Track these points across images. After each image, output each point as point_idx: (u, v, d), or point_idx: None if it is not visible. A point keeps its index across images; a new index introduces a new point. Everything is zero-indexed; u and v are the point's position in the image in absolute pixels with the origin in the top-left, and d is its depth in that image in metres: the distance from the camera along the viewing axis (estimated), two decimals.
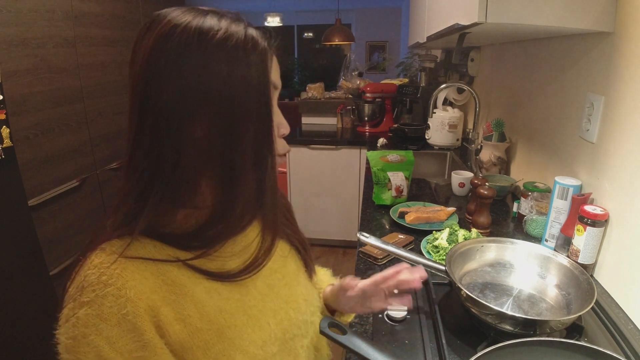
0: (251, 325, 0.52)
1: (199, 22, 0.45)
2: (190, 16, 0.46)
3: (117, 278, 0.43)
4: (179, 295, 0.47)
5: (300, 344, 0.59)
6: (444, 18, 1.34)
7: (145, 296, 0.44)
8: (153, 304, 0.44)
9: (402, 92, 2.76)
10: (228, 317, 0.50)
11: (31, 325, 1.51)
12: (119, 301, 0.42)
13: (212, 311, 0.49)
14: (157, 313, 0.44)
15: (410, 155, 1.48)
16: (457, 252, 0.85)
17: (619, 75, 0.88)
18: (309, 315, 0.62)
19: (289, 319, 0.57)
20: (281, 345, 0.55)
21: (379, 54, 6.34)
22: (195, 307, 0.47)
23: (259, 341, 0.52)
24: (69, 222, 1.96)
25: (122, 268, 0.44)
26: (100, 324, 0.42)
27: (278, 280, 0.59)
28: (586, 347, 0.56)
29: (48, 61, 1.81)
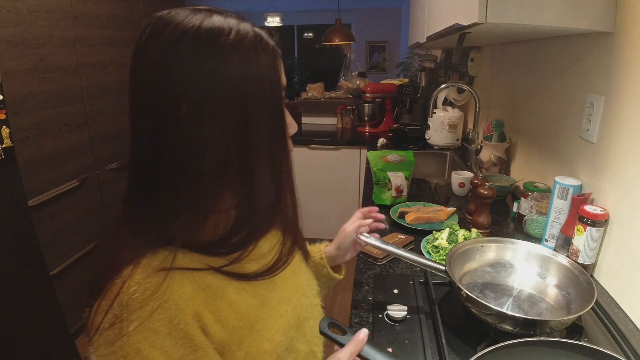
0: (274, 315, 0.55)
1: (208, 24, 0.45)
2: (197, 19, 0.45)
3: (162, 291, 0.44)
4: (214, 299, 0.48)
5: (308, 325, 0.63)
6: (444, 18, 1.34)
7: (190, 303, 0.45)
8: (197, 309, 0.46)
9: (402, 92, 2.76)
10: (256, 312, 0.53)
11: (31, 325, 1.51)
12: (168, 312, 0.43)
13: (244, 309, 0.51)
14: (201, 317, 0.46)
15: (410, 155, 1.48)
16: (457, 252, 0.85)
17: (619, 75, 0.88)
18: (312, 298, 0.67)
19: (300, 304, 0.61)
20: (297, 329, 0.59)
21: (379, 54, 6.34)
22: (230, 308, 0.50)
23: (281, 329, 0.55)
24: (69, 222, 1.96)
25: (165, 281, 0.44)
26: (152, 336, 0.43)
27: (287, 271, 0.61)
28: (586, 347, 0.56)
29: (48, 61, 1.81)
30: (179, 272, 0.46)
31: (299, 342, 0.59)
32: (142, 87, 0.46)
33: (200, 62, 0.44)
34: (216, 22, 0.46)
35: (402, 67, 4.04)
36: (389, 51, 6.26)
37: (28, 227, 1.52)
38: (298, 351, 0.59)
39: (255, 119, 0.47)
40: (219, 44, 0.45)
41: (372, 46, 6.31)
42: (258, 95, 0.47)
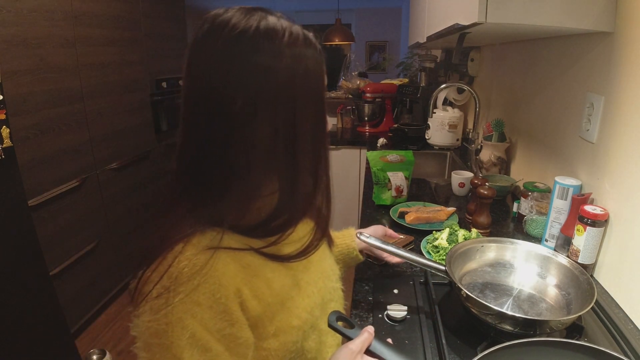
0: (302, 295, 0.61)
1: (265, 25, 0.49)
2: (254, 20, 0.48)
3: (208, 267, 0.48)
4: (253, 277, 0.53)
5: (330, 306, 0.68)
6: (444, 18, 1.34)
7: (232, 280, 0.50)
8: (238, 286, 0.51)
9: (402, 92, 2.76)
10: (287, 290, 0.58)
11: (31, 325, 1.51)
12: (212, 287, 0.48)
13: (277, 287, 0.56)
14: (241, 293, 0.51)
15: (410, 155, 1.48)
16: (457, 252, 0.85)
17: (619, 75, 0.88)
18: (335, 282, 0.72)
19: (324, 287, 0.67)
20: (321, 309, 0.64)
21: (379, 54, 6.34)
22: (266, 285, 0.55)
23: (307, 308, 0.61)
24: (69, 222, 1.96)
25: (210, 257, 0.49)
26: (195, 308, 0.47)
27: (315, 255, 0.65)
28: (589, 348, 0.56)
29: (48, 61, 1.80)
30: (224, 251, 0.50)
31: (322, 322, 0.64)
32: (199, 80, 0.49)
33: (257, 59, 0.47)
34: (271, 23, 0.49)
35: (402, 67, 4.04)
36: (389, 51, 6.26)
37: (28, 227, 1.52)
38: (321, 329, 0.64)
39: (302, 113, 0.51)
40: (274, 44, 0.48)
41: (372, 46, 6.31)
42: (305, 92, 0.51)
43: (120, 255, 2.40)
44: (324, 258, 0.72)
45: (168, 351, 0.47)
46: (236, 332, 0.50)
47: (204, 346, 0.48)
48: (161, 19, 2.77)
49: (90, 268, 2.13)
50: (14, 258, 1.45)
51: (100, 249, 2.21)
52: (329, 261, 0.73)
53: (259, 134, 0.49)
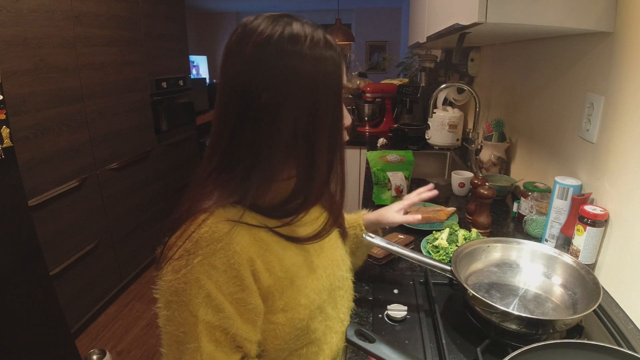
0: (311, 276, 0.66)
1: (289, 31, 0.55)
2: (280, 26, 0.55)
3: (226, 236, 0.54)
4: (266, 251, 0.59)
5: (339, 293, 0.73)
6: (444, 18, 1.34)
7: (246, 250, 0.56)
8: (251, 256, 0.56)
9: (402, 92, 2.75)
10: (297, 269, 0.63)
11: (31, 325, 1.51)
12: (227, 253, 0.54)
13: (288, 264, 0.62)
14: (254, 263, 0.57)
15: (410, 155, 1.48)
16: (463, 252, 0.85)
17: (619, 75, 0.88)
18: (345, 271, 0.77)
19: (333, 273, 0.71)
20: (329, 294, 0.69)
21: (379, 54, 6.33)
22: (277, 260, 0.60)
23: (315, 289, 0.66)
24: (69, 222, 1.96)
25: (229, 228, 0.55)
26: (211, 270, 0.53)
27: (326, 242, 0.72)
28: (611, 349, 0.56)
29: (48, 61, 1.80)
30: (242, 225, 0.56)
31: (329, 306, 0.70)
32: (232, 78, 0.56)
33: (281, 61, 0.54)
34: (295, 29, 0.55)
35: (402, 67, 4.04)
36: (389, 51, 6.26)
37: (28, 227, 1.52)
38: (327, 313, 0.69)
39: (322, 110, 0.57)
40: (296, 47, 0.54)
41: (372, 46, 6.31)
42: (325, 91, 0.57)
43: (120, 255, 2.40)
44: (336, 247, 0.77)
45: (186, 308, 0.53)
46: (246, 297, 0.56)
47: (217, 306, 0.54)
48: (161, 19, 2.77)
49: (90, 268, 2.13)
50: (14, 258, 1.45)
51: (100, 249, 2.21)
52: (340, 251, 0.78)
53: (282, 125, 0.56)
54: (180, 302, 0.53)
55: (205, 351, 0.54)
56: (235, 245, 0.55)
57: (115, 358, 1.95)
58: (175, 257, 0.54)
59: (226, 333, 0.55)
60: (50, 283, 1.63)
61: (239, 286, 0.55)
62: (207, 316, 0.53)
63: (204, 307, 0.53)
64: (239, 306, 0.56)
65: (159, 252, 0.57)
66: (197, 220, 0.55)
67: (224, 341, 0.55)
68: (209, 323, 0.54)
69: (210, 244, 0.53)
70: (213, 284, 0.53)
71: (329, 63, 0.57)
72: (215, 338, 0.54)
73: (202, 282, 0.53)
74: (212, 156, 0.60)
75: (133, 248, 2.53)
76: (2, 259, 1.40)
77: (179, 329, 0.54)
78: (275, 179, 0.61)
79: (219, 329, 0.54)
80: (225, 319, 0.54)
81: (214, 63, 5.91)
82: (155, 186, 2.77)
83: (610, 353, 0.56)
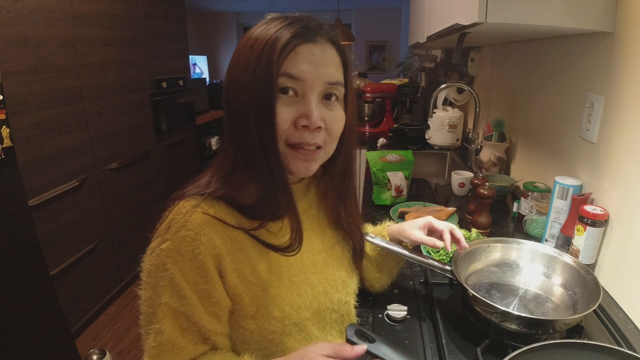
0: (292, 290, 0.62)
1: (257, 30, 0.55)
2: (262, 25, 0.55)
3: (196, 226, 0.54)
4: (238, 250, 0.58)
5: (330, 316, 0.68)
6: (444, 18, 1.34)
7: (214, 244, 0.55)
8: (219, 252, 0.55)
9: (402, 92, 2.75)
10: (273, 278, 0.60)
11: (31, 325, 1.51)
12: (194, 243, 0.54)
13: (261, 270, 0.59)
14: (221, 260, 0.56)
15: (410, 155, 1.48)
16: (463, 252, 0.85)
17: (619, 75, 0.88)
18: (345, 295, 0.70)
19: (325, 293, 0.66)
20: (314, 314, 0.64)
21: (379, 54, 6.33)
22: (248, 263, 0.58)
23: (294, 304, 0.62)
24: (69, 222, 1.96)
25: (201, 219, 0.55)
26: (177, 256, 0.54)
27: (322, 260, 0.68)
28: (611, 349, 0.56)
29: (48, 61, 1.80)
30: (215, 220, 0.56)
31: (314, 327, 0.65)
32: None
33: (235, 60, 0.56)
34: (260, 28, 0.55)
35: (402, 67, 4.04)
36: (389, 51, 6.26)
37: (28, 227, 1.52)
38: (310, 333, 0.64)
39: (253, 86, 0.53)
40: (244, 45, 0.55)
41: (372, 46, 6.30)
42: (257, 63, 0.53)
43: (120, 255, 2.40)
44: (336, 266, 0.70)
45: (154, 290, 0.55)
46: (210, 289, 0.55)
47: (180, 292, 0.54)
48: (161, 19, 2.77)
49: (90, 268, 2.13)
50: (14, 258, 1.45)
51: (100, 249, 2.21)
52: (342, 272, 0.71)
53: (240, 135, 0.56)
54: (149, 283, 0.55)
55: (165, 334, 0.54)
56: (203, 237, 0.54)
57: (115, 358, 1.95)
58: (153, 238, 0.57)
59: (189, 320, 0.55)
60: (50, 283, 1.63)
61: (203, 277, 0.55)
62: (170, 300, 0.54)
63: (168, 292, 0.54)
64: (202, 297, 0.55)
65: None
66: (178, 206, 0.57)
67: (189, 329, 0.55)
68: (172, 307, 0.54)
69: (180, 231, 0.54)
70: (178, 270, 0.54)
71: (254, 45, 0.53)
72: (179, 324, 0.55)
73: (167, 265, 0.54)
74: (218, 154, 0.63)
75: (133, 248, 2.52)
76: (2, 259, 1.40)
77: (148, 309, 0.56)
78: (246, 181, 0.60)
79: (182, 315, 0.55)
80: (187, 306, 0.54)
81: (214, 63, 5.91)
82: (155, 186, 2.77)
83: (610, 353, 0.56)
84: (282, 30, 0.53)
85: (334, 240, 0.72)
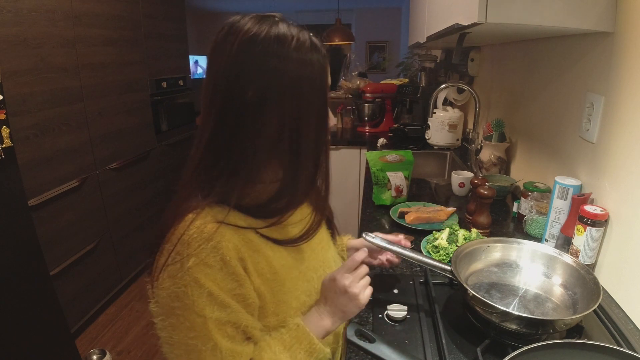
0: (302, 278, 0.66)
1: (275, 31, 0.55)
2: (266, 26, 0.55)
3: (216, 234, 0.54)
4: (254, 252, 0.59)
5: None
6: (444, 18, 1.34)
7: (237, 248, 0.56)
8: (242, 255, 0.57)
9: (402, 92, 2.76)
10: (287, 271, 0.63)
11: (31, 325, 1.51)
12: (220, 252, 0.54)
13: (277, 266, 0.62)
14: (245, 262, 0.57)
15: (410, 155, 1.48)
16: (463, 252, 0.85)
17: (619, 75, 0.88)
18: None
19: (325, 275, 0.69)
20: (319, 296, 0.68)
21: (379, 54, 6.33)
22: (266, 262, 0.60)
23: (307, 291, 0.66)
24: (69, 222, 1.96)
25: (217, 228, 0.55)
26: (207, 270, 0.53)
27: (317, 245, 0.72)
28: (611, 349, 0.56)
29: (48, 61, 1.80)
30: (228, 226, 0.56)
31: None
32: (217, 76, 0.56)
33: (266, 60, 0.54)
34: (282, 29, 0.56)
35: (402, 67, 4.04)
36: (389, 51, 6.26)
37: (28, 227, 1.52)
38: None
39: (306, 110, 0.57)
40: (283, 48, 0.55)
41: (372, 46, 6.31)
42: (310, 93, 0.57)
43: (120, 255, 2.40)
44: (327, 249, 0.77)
45: (191, 310, 0.52)
46: (245, 292, 0.56)
47: (222, 303, 0.54)
48: (161, 19, 2.77)
49: (90, 268, 2.13)
50: (14, 258, 1.45)
51: (100, 249, 2.21)
52: (332, 252, 0.78)
53: (266, 124, 0.56)
54: (184, 306, 0.53)
55: (223, 347, 0.54)
56: (227, 243, 0.55)
57: (115, 358, 1.95)
58: (169, 262, 0.53)
59: (237, 327, 0.56)
60: (50, 283, 1.63)
61: (237, 282, 0.55)
62: (214, 313, 0.53)
63: (210, 306, 0.53)
64: (241, 301, 0.56)
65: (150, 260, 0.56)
66: (184, 222, 0.55)
67: (236, 335, 0.56)
68: (218, 320, 0.54)
69: (202, 244, 0.53)
70: (212, 283, 0.53)
71: (314, 65, 0.57)
72: (227, 334, 0.55)
73: (201, 281, 0.52)
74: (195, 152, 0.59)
75: (133, 248, 2.53)
76: (2, 259, 1.40)
77: (188, 335, 0.53)
78: (259, 179, 0.60)
79: (229, 324, 0.55)
80: (233, 314, 0.55)
81: None
82: (155, 186, 2.77)
83: (610, 353, 0.56)
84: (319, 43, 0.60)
85: None
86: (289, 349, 0.60)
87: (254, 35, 0.54)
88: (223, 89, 0.55)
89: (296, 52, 0.55)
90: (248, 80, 0.54)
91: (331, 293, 0.64)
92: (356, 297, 0.63)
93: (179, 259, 0.53)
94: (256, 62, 0.54)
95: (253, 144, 0.56)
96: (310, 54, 0.57)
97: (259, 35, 0.54)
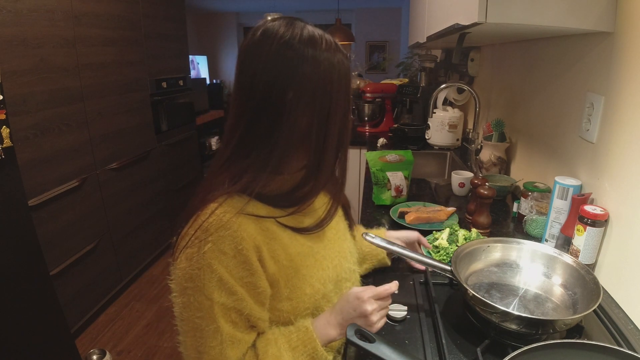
0: (317, 266, 0.69)
1: (307, 33, 0.60)
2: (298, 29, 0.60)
3: (234, 223, 0.58)
4: (271, 239, 0.62)
5: (345, 285, 0.76)
6: (444, 18, 1.34)
7: (253, 237, 0.59)
8: (257, 243, 0.60)
9: (402, 92, 2.75)
10: (303, 259, 0.67)
11: (31, 325, 1.51)
12: (235, 240, 0.57)
13: (293, 253, 0.65)
14: (260, 251, 0.60)
15: (409, 155, 1.48)
16: (463, 252, 0.85)
17: (619, 75, 0.88)
18: (352, 264, 0.80)
19: (340, 265, 0.75)
20: (335, 285, 0.73)
21: (379, 54, 6.33)
22: (282, 249, 0.64)
23: (321, 279, 0.69)
24: (69, 222, 1.96)
25: (236, 217, 0.58)
26: (221, 256, 0.57)
27: (333, 235, 0.76)
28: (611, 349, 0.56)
29: (48, 61, 1.80)
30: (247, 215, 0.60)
31: (335, 297, 0.72)
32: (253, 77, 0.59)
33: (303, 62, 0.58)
34: (311, 32, 0.60)
35: (402, 67, 4.04)
36: (389, 51, 6.26)
37: (28, 227, 1.52)
38: (334, 302, 0.71)
39: (336, 106, 0.62)
40: (316, 50, 0.59)
41: (372, 46, 6.30)
42: (338, 89, 0.61)
43: (120, 255, 2.40)
44: (344, 239, 0.80)
45: (201, 292, 0.57)
46: (256, 281, 0.59)
47: (230, 289, 0.58)
48: (161, 19, 2.77)
49: (90, 268, 2.13)
50: (14, 258, 1.45)
51: (100, 249, 2.21)
52: (348, 243, 0.81)
53: (299, 121, 0.60)
54: (195, 287, 0.57)
55: (224, 331, 0.58)
56: (243, 232, 0.58)
57: (115, 358, 1.95)
58: (188, 245, 0.58)
59: (240, 314, 0.59)
60: (50, 283, 1.62)
61: (248, 270, 0.58)
62: (221, 298, 0.57)
63: (218, 291, 0.57)
64: (249, 289, 0.59)
65: (174, 241, 0.61)
66: (207, 210, 0.59)
67: (240, 322, 0.60)
68: (224, 305, 0.58)
69: (219, 231, 0.57)
70: (224, 269, 0.57)
71: (342, 65, 0.62)
72: (231, 319, 0.59)
73: (213, 267, 0.56)
74: (227, 146, 0.63)
75: (133, 248, 2.52)
76: (2, 259, 1.40)
77: (195, 314, 0.57)
78: (285, 169, 0.64)
79: (233, 310, 0.59)
80: (238, 301, 0.58)
81: (214, 63, 5.91)
82: (155, 186, 2.77)
83: (610, 353, 0.56)
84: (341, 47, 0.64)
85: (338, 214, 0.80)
86: (293, 349, 0.63)
87: (290, 39, 0.58)
88: (261, 90, 0.59)
89: (327, 53, 0.60)
90: (286, 83, 0.58)
91: (350, 309, 0.66)
92: (372, 325, 0.66)
93: (197, 243, 0.57)
94: (293, 65, 0.58)
95: (284, 140, 0.60)
96: (337, 54, 0.61)
97: (295, 39, 0.58)
